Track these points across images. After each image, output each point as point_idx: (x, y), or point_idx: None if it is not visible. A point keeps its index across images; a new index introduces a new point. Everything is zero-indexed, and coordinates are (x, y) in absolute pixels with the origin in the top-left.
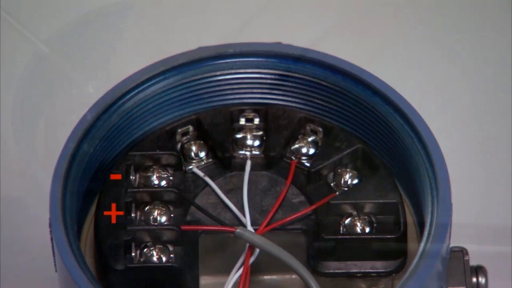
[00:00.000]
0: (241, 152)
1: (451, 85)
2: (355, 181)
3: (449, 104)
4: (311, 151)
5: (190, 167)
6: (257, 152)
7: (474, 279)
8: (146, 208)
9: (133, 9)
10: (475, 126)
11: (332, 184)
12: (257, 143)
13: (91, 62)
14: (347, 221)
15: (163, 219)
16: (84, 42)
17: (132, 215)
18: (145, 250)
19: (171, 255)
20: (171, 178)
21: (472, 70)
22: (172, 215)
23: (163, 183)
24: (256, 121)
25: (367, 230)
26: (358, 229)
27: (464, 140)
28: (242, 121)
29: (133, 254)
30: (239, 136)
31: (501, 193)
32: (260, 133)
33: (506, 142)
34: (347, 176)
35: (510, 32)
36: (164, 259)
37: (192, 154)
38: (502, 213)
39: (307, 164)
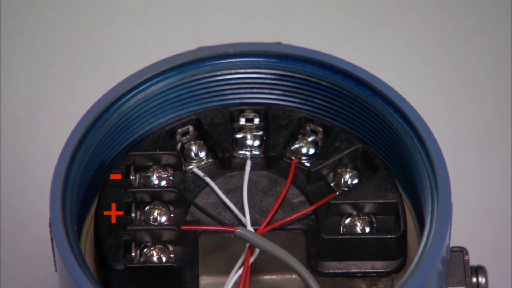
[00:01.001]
0: (241, 152)
1: (451, 85)
2: (355, 181)
3: (449, 104)
4: (311, 151)
5: (190, 167)
6: (257, 152)
7: (474, 279)
8: (146, 208)
9: (133, 9)
10: (475, 126)
11: (332, 184)
12: (257, 143)
13: (91, 61)
14: (347, 221)
15: (163, 219)
16: (84, 42)
17: (132, 215)
18: (145, 250)
19: (171, 255)
20: (171, 178)
21: (472, 70)
22: (172, 215)
23: (163, 183)
24: (256, 121)
25: (367, 230)
26: (358, 229)
27: (464, 140)
28: (242, 121)
29: (133, 254)
30: (239, 136)
31: (501, 193)
32: (260, 133)
33: (506, 142)
34: (347, 176)
35: (510, 32)
36: (164, 259)
37: (192, 154)
38: (502, 213)
39: (307, 164)
